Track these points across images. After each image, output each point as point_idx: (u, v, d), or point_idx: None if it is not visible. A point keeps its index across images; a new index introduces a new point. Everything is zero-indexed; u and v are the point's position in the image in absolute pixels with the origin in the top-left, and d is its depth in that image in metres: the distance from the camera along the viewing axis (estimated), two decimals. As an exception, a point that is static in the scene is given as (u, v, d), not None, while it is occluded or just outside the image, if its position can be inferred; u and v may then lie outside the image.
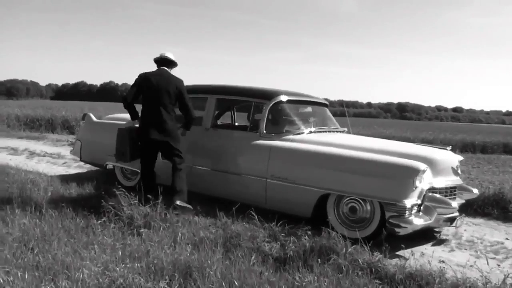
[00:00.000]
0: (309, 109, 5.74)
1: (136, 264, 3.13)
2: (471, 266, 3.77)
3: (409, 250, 4.01)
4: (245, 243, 3.72)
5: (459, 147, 17.05)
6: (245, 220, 4.24)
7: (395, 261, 3.62)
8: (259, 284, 2.94)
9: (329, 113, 5.98)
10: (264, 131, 4.96)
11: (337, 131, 5.65)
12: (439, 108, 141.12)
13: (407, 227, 3.97)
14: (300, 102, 5.55)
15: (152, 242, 3.61)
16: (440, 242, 4.52)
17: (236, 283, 2.92)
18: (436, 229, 4.70)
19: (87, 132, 6.63)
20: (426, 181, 4.18)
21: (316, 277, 3.10)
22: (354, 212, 4.29)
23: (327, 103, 6.09)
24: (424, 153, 4.55)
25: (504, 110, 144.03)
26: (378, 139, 6.00)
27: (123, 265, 3.09)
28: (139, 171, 5.78)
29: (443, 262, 3.88)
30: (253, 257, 3.39)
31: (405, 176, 4.01)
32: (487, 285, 3.13)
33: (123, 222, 4.17)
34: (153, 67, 5.11)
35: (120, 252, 3.36)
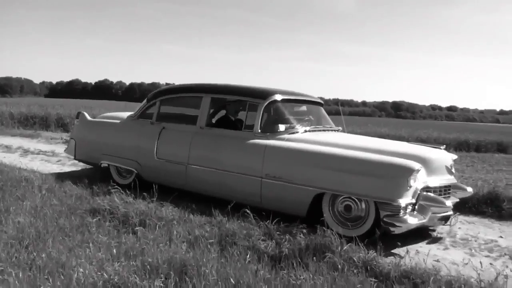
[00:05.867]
0: (304, 108, 5.74)
1: (131, 262, 3.12)
2: (465, 264, 3.80)
3: (404, 248, 4.03)
4: (240, 241, 3.72)
5: (453, 146, 17.15)
6: (241, 219, 4.24)
7: (390, 259, 3.64)
8: (254, 282, 2.94)
9: (324, 112, 5.99)
10: (259, 130, 4.96)
11: (332, 130, 5.65)
12: (433, 107, 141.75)
13: (401, 226, 4.00)
14: (294, 101, 5.55)
15: (147, 240, 3.60)
16: (435, 240, 4.55)
17: (231, 281, 2.92)
18: (431, 227, 4.73)
19: (81, 130, 6.60)
20: (420, 180, 4.20)
21: (311, 275, 3.10)
22: (349, 211, 4.30)
23: (322, 102, 6.09)
24: (418, 152, 4.56)
25: (498, 109, 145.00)
26: (373, 138, 6.03)
27: (118, 264, 3.09)
28: (134, 170, 5.79)
29: (438, 260, 3.90)
30: (248, 255, 3.39)
31: (400, 175, 4.03)
32: (481, 283, 3.15)
33: (118, 220, 4.17)
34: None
35: (115, 251, 3.35)
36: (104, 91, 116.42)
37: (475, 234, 4.81)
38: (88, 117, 6.63)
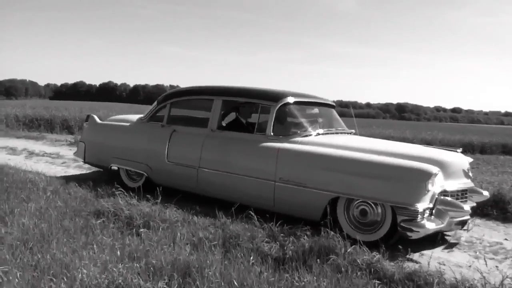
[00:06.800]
0: (316, 110, 5.64)
1: (135, 264, 3.13)
2: (469, 266, 3.78)
3: (408, 250, 4.01)
4: (244, 243, 3.72)
5: (458, 148, 17.05)
6: (244, 220, 4.24)
7: (394, 261, 3.62)
8: (258, 284, 2.94)
9: (336, 114, 5.89)
10: (272, 133, 4.90)
11: (345, 133, 5.59)
12: (438, 109, 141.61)
13: (419, 231, 3.92)
14: (307, 104, 5.46)
15: (151, 242, 3.61)
16: (440, 242, 4.52)
17: (235, 283, 2.92)
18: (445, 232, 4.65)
19: (91, 133, 6.55)
20: (438, 184, 4.11)
21: (315, 277, 3.10)
22: (364, 215, 4.23)
23: (334, 104, 5.99)
24: (435, 155, 4.48)
25: (503, 111, 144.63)
26: (388, 141, 5.89)
27: (122, 265, 3.09)
28: (144, 173, 5.79)
29: (442, 262, 3.88)
30: (252, 257, 3.39)
31: (418, 179, 3.95)
32: (486, 286, 3.13)
33: (122, 222, 4.18)
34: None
35: (119, 252, 3.35)
36: (109, 93, 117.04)
37: (480, 236, 4.78)
38: (98, 120, 6.59)
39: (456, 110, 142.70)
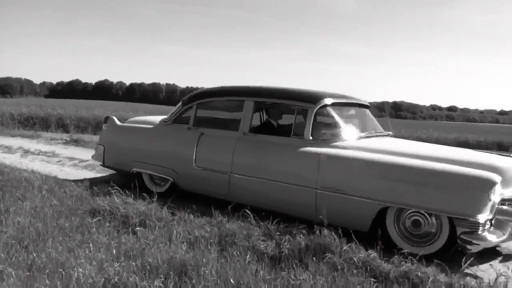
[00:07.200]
0: (352, 111, 5.36)
1: (131, 263, 3.13)
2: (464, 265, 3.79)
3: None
4: (240, 242, 3.72)
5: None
6: (241, 219, 4.24)
7: (390, 259, 3.63)
8: (254, 282, 2.95)
9: (371, 115, 5.57)
10: (310, 137, 4.61)
11: (383, 135, 5.30)
12: (434, 107, 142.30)
13: (479, 244, 3.69)
14: (344, 105, 5.16)
15: (147, 241, 3.61)
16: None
17: (231, 281, 2.93)
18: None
19: (110, 136, 6.24)
20: (497, 192, 3.80)
21: (311, 275, 3.10)
22: (417, 226, 3.95)
23: (369, 104, 5.67)
24: (492, 161, 4.18)
25: (498, 109, 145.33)
26: (436, 145, 5.59)
27: (118, 264, 3.09)
28: (170, 178, 5.53)
29: (438, 261, 3.89)
30: (248, 256, 3.39)
31: (479, 188, 3.65)
32: (481, 284, 3.15)
33: (118, 220, 4.17)
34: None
35: (115, 251, 3.35)
36: (105, 91, 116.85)
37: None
38: (118, 122, 6.28)
39: (452, 109, 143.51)
